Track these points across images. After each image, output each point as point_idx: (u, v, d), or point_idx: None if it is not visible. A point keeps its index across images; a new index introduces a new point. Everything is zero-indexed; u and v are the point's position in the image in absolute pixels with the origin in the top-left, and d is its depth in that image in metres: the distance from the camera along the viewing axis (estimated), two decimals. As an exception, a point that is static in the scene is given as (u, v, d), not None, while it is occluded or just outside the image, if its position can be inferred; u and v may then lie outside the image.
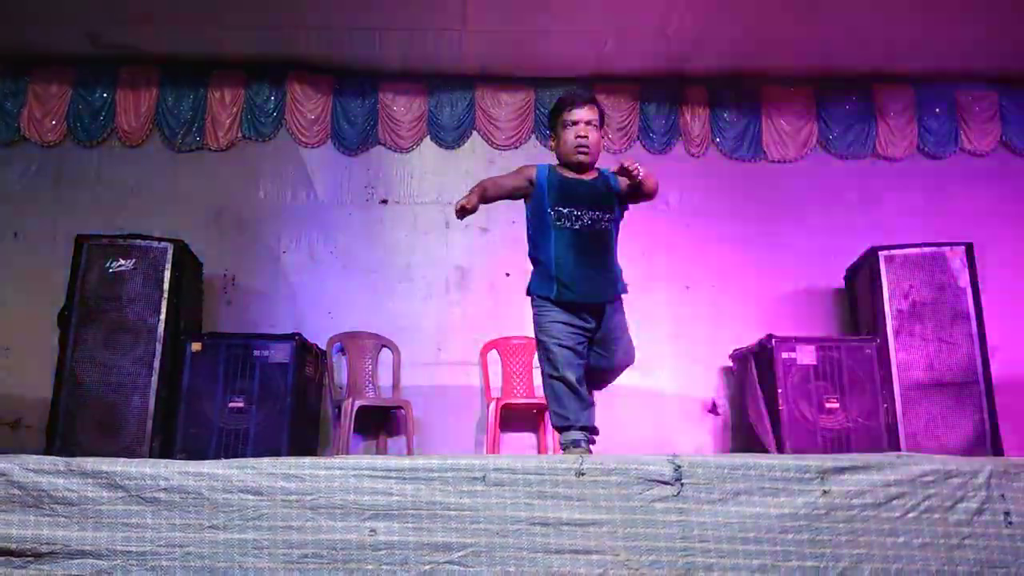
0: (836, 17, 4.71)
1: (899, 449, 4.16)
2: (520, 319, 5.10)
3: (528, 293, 2.93)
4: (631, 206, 2.99)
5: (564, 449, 2.77)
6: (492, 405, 4.63)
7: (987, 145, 5.43)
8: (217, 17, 4.80)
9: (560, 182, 2.91)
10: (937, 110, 5.45)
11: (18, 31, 4.96)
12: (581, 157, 2.91)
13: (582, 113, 2.92)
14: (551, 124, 3.05)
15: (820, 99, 5.47)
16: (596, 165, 2.98)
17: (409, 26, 4.89)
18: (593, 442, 2.84)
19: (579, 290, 2.82)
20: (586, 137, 2.90)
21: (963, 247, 4.44)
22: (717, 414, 5.06)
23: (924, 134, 5.44)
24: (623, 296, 2.95)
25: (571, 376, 2.78)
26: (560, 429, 2.82)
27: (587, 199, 2.87)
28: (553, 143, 3.04)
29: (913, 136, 5.43)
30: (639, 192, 2.88)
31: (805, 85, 5.46)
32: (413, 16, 4.77)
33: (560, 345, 2.79)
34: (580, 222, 2.84)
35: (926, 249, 4.49)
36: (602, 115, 3.02)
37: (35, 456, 1.77)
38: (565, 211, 2.85)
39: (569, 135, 2.91)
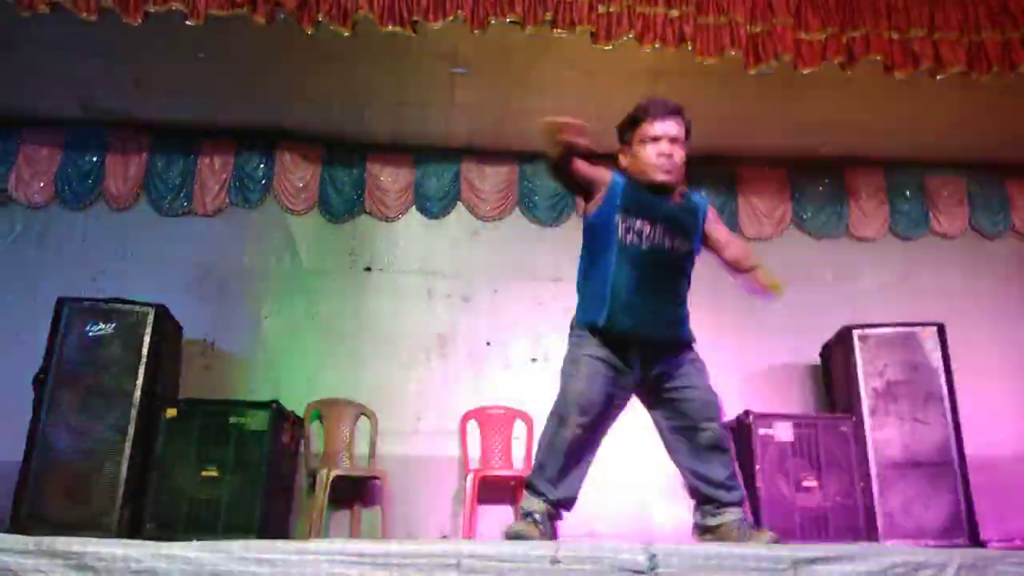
0: (809, 103, 4.90)
1: (876, 529, 4.16)
2: (500, 389, 5.16)
3: (571, 327, 2.53)
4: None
5: (518, 515, 2.43)
6: (470, 477, 4.58)
7: (956, 228, 5.61)
8: (209, 86, 4.92)
9: (637, 190, 2.47)
10: (907, 193, 5.64)
11: (10, 93, 5.03)
12: (663, 176, 2.45)
13: (667, 127, 2.46)
14: (623, 136, 2.56)
15: (794, 180, 5.65)
16: (681, 189, 2.58)
17: (398, 101, 5.03)
18: (560, 517, 2.46)
19: (635, 319, 2.40)
20: (670, 156, 2.45)
21: (935, 327, 4.55)
22: (696, 489, 5.03)
23: (895, 216, 5.61)
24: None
25: (581, 423, 2.36)
26: (527, 487, 2.46)
27: (662, 218, 2.46)
28: (624, 160, 2.55)
29: (884, 217, 5.60)
30: (725, 260, 2.63)
31: (779, 166, 5.64)
32: (402, 92, 4.92)
33: (585, 383, 2.39)
34: (650, 241, 2.43)
35: (899, 329, 4.58)
36: (688, 130, 2.52)
37: (3, 535, 1.74)
38: (636, 223, 2.43)
39: (648, 152, 2.46)
